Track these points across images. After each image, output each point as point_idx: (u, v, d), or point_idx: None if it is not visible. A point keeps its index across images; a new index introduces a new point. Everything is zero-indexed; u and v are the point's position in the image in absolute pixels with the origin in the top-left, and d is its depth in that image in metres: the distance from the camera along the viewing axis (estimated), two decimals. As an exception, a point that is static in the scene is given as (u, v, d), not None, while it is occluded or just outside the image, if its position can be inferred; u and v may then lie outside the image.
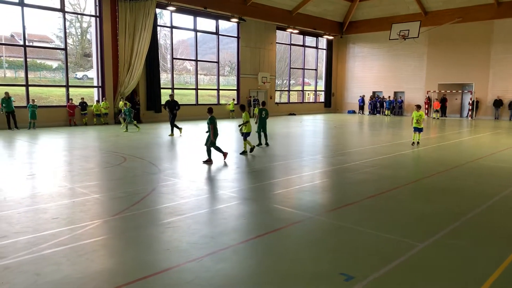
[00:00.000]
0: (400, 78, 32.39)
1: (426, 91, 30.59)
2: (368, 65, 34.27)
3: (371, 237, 5.22)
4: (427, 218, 6.12)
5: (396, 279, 4.07)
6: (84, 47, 33.10)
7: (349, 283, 3.92)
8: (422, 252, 4.76)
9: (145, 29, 22.09)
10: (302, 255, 4.68)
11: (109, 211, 6.30)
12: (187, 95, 30.00)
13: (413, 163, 11.27)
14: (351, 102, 35.73)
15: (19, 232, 5.24)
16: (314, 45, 35.41)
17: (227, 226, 5.62)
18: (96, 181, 8.45)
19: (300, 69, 35.27)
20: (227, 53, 34.48)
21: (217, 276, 4.08)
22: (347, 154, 12.34)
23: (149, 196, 7.14)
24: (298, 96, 38.56)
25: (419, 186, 8.34)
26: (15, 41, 28.33)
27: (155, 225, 5.66)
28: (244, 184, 8.29)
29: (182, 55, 35.57)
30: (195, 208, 6.48)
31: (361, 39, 34.42)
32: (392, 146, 14.08)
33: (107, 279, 4.02)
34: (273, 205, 6.71)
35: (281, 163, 10.67)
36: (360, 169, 9.81)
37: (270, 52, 30.47)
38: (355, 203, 6.86)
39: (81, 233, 5.27)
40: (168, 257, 4.56)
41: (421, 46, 30.31)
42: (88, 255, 4.57)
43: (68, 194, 7.28)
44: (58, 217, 5.88)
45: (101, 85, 21.84)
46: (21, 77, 25.57)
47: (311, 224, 5.80)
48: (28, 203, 6.65)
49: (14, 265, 4.25)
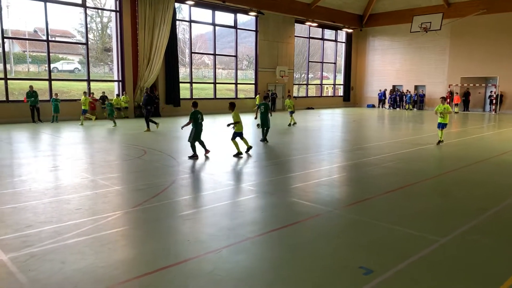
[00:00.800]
0: (421, 72, 31.78)
1: (448, 85, 29.94)
2: (388, 58, 33.73)
3: (390, 232, 5.18)
4: (448, 213, 6.02)
5: (415, 274, 4.03)
6: (105, 41, 33.55)
7: (368, 277, 3.91)
8: (443, 247, 4.70)
9: (164, 24, 22.27)
10: (321, 248, 4.68)
11: (130, 203, 6.43)
12: (205, 89, 30.17)
13: (434, 158, 11.08)
14: (371, 96, 35.29)
15: (44, 221, 5.40)
16: (333, 38, 35.02)
17: (245, 218, 5.66)
18: (117, 173, 8.61)
19: (319, 63, 34.97)
20: (245, 47, 34.42)
21: (236, 268, 4.12)
22: (366, 148, 12.22)
23: (168, 188, 7.24)
24: (316, 90, 38.27)
25: (440, 181, 8.20)
26: (38, 36, 28.96)
27: (175, 217, 5.75)
28: (262, 178, 8.31)
29: (200, 49, 35.70)
30: (213, 200, 6.54)
31: (381, 32, 33.87)
32: (413, 141, 13.87)
33: (129, 268, 4.11)
34: (291, 199, 6.71)
35: (299, 157, 10.65)
36: (380, 164, 9.71)
37: (289, 46, 30.29)
38: (374, 198, 6.81)
39: (103, 224, 5.40)
40: (187, 248, 4.63)
41: (443, 38, 29.63)
42: (110, 245, 4.68)
43: (90, 186, 7.45)
44: (81, 208, 6.03)
45: (121, 79, 22.15)
46: (44, 71, 26.17)
47: (330, 218, 5.79)
48: (52, 194, 6.84)
49: (40, 253, 4.39)
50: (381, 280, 3.86)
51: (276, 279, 3.92)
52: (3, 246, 4.57)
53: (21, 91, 23.89)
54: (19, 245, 4.60)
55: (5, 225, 5.26)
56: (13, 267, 4.05)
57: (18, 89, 24.23)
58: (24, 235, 4.89)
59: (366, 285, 3.76)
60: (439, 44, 30.23)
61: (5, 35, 19.34)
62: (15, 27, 29.55)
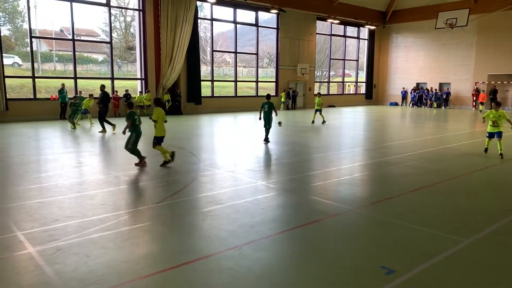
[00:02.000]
0: (446, 69, 31.03)
1: (475, 82, 29.15)
2: (412, 55, 33.08)
3: (413, 232, 5.09)
4: (473, 213, 5.88)
5: (438, 275, 3.95)
6: (128, 40, 34.13)
7: (390, 277, 3.86)
8: (467, 248, 4.60)
9: (186, 22, 22.47)
10: (342, 247, 4.64)
11: (152, 199, 6.53)
12: (226, 87, 30.27)
13: (459, 157, 10.81)
14: (394, 94, 34.71)
15: (69, 216, 5.55)
16: (356, 35, 34.59)
17: (265, 216, 5.67)
18: (139, 169, 8.75)
19: (341, 60, 34.61)
20: (266, 45, 34.38)
21: (256, 265, 4.14)
22: (389, 147, 12.04)
23: (189, 185, 7.31)
24: (338, 87, 37.89)
25: (466, 181, 8.01)
26: (64, 36, 29.70)
27: (196, 213, 5.81)
28: (282, 176, 8.30)
29: (221, 48, 35.87)
30: (234, 197, 6.58)
31: (404, 28, 33.24)
32: (437, 140, 13.58)
33: (151, 263, 4.18)
34: (312, 197, 6.68)
35: (320, 155, 10.58)
36: (402, 163, 9.56)
37: (310, 43, 30.09)
38: (397, 197, 6.70)
39: (126, 219, 5.50)
40: (208, 244, 4.68)
41: (469, 35, 28.84)
42: (133, 240, 4.77)
43: (113, 182, 7.60)
44: (104, 203, 6.16)
45: (144, 77, 22.49)
46: (69, 70, 26.81)
47: (351, 217, 5.74)
48: (77, 189, 7.01)
49: (65, 247, 4.51)
50: (403, 280, 3.81)
51: (297, 277, 3.91)
52: (31, 239, 4.72)
53: (48, 89, 24.61)
54: (46, 239, 4.74)
55: (33, 219, 5.43)
56: (41, 260, 4.17)
57: (45, 87, 24.94)
58: (51, 229, 5.04)
59: (387, 284, 3.71)
60: (465, 40, 29.44)
61: (33, 34, 19.88)
62: (42, 27, 30.43)
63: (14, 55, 28.00)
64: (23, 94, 23.95)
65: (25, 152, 10.70)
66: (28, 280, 3.77)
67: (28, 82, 19.56)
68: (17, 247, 4.52)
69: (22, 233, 4.90)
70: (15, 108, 18.55)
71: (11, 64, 26.78)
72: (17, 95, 24.01)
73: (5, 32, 28.52)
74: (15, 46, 29.42)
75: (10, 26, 30.08)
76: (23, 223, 5.25)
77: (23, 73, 26.07)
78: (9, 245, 4.57)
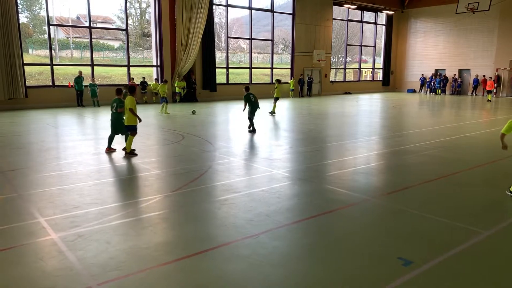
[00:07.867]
0: (466, 55, 30.27)
1: (496, 69, 28.40)
2: (431, 41, 32.33)
3: (431, 222, 5.05)
4: (493, 204, 5.80)
5: (457, 267, 3.92)
6: (143, 27, 34.17)
7: (408, 268, 3.85)
8: (487, 240, 4.54)
9: (202, 8, 22.34)
10: (358, 237, 4.64)
11: (169, 187, 6.61)
12: (241, 74, 30.17)
13: (479, 146, 10.61)
14: (412, 80, 34.10)
15: (89, 203, 5.66)
16: (373, 20, 33.93)
17: (281, 205, 5.69)
18: (156, 157, 8.85)
19: (357, 46, 34.06)
20: (281, 31, 33.99)
21: (273, 253, 4.17)
22: (406, 136, 11.89)
23: (206, 173, 7.37)
24: (354, 74, 37.38)
25: (485, 171, 7.87)
26: (81, 23, 29.89)
27: (212, 201, 5.87)
28: (297, 165, 8.29)
29: (236, 34, 35.62)
30: (250, 186, 6.61)
31: (424, 13, 32.44)
32: (456, 128, 13.34)
33: (169, 250, 4.26)
34: (328, 186, 6.67)
35: (335, 144, 10.52)
36: (420, 151, 9.43)
37: (326, 29, 29.65)
38: (414, 187, 6.64)
39: (144, 207, 5.59)
40: (225, 232, 4.73)
41: (491, 19, 28.00)
42: (151, 227, 4.86)
43: (131, 169, 7.71)
44: (123, 191, 6.27)
45: (160, 64, 22.55)
46: (86, 57, 27.04)
47: (367, 207, 5.72)
48: (96, 177, 7.14)
49: (87, 233, 4.62)
50: (421, 271, 3.79)
51: (312, 266, 3.94)
52: (53, 225, 4.84)
53: (66, 76, 24.91)
54: (68, 225, 4.86)
55: (54, 205, 5.56)
56: (63, 246, 4.29)
57: (63, 74, 25.26)
58: (72, 216, 5.16)
59: (405, 275, 3.71)
60: (487, 25, 28.60)
61: (50, 22, 20.06)
62: (59, 14, 30.67)
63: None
64: (42, 82, 24.32)
65: (44, 138, 10.91)
66: (51, 266, 3.88)
67: (47, 70, 19.83)
68: (40, 233, 4.65)
69: (44, 219, 5.03)
70: (34, 95, 18.88)
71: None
72: (36, 82, 24.42)
73: (23, 20, 28.85)
74: (33, 33, 29.78)
75: (28, 14, 30.43)
76: (45, 210, 5.39)
77: (42, 60, 26.44)
78: (33, 231, 4.71)
